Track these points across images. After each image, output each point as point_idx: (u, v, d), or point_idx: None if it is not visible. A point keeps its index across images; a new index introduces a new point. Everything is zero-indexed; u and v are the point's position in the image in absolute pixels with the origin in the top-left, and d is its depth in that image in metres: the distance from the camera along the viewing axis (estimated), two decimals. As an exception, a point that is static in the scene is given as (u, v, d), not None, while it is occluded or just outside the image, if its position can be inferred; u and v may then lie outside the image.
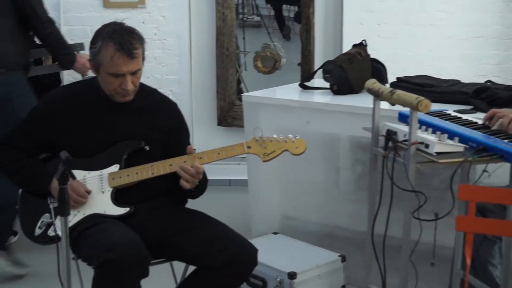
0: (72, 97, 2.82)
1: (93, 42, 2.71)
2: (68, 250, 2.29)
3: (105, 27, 2.71)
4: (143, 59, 2.74)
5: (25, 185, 2.79)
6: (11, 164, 2.77)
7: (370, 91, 2.79)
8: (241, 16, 6.33)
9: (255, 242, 2.74)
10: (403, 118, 2.84)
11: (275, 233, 3.84)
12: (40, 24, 3.90)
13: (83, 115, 2.77)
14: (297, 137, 2.71)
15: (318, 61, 5.37)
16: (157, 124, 2.83)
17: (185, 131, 2.96)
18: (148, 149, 2.76)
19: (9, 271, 3.88)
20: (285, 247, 3.63)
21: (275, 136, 2.71)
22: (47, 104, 2.84)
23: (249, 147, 2.71)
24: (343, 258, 3.45)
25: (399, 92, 2.59)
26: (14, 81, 3.81)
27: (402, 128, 2.63)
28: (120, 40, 2.64)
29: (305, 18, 5.40)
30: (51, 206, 2.70)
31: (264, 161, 2.70)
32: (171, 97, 3.07)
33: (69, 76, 5.11)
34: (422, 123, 2.64)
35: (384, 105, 2.87)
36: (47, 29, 3.90)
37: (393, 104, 2.67)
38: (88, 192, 2.69)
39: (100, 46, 2.66)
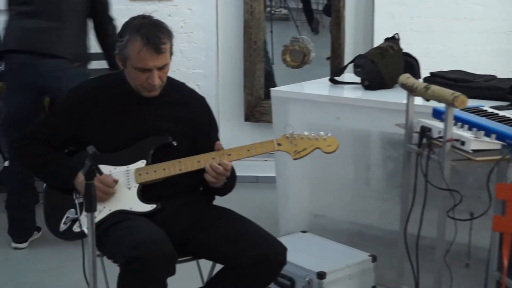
0: (99, 90, 2.83)
1: (120, 35, 2.72)
2: (94, 247, 2.30)
3: (133, 20, 2.72)
4: (171, 53, 2.74)
5: (51, 180, 2.80)
6: (37, 159, 2.78)
7: (404, 86, 2.77)
8: (268, 9, 6.31)
9: (283, 240, 2.73)
10: (437, 114, 2.81)
11: (304, 231, 3.83)
12: (109, 22, 4.26)
13: (110, 109, 2.78)
14: (329, 135, 2.69)
15: (348, 55, 5.34)
16: (185, 118, 2.83)
17: (214, 127, 2.96)
18: (175, 144, 2.76)
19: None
20: (314, 246, 3.62)
21: (306, 133, 2.70)
22: (74, 97, 2.85)
23: (279, 145, 2.70)
24: (374, 258, 3.43)
25: (434, 88, 2.57)
26: (88, 74, 4.14)
27: (437, 124, 2.61)
28: (148, 34, 2.63)
29: (335, 11, 5.38)
30: (76, 201, 2.72)
31: (295, 159, 2.69)
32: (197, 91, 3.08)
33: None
34: (457, 119, 2.62)
35: (418, 100, 2.85)
36: (112, 30, 4.20)
37: (427, 100, 2.65)
38: (116, 181, 2.69)
39: (127, 40, 2.66)
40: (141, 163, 2.73)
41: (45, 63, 4.09)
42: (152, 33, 2.64)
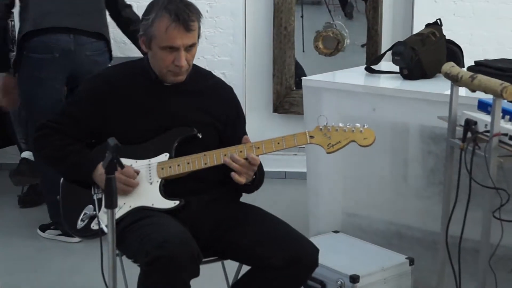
0: (121, 78, 2.85)
1: (145, 14, 2.73)
2: (114, 246, 2.31)
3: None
4: (199, 35, 2.76)
5: (69, 173, 2.80)
6: (55, 150, 2.79)
7: (448, 75, 2.75)
8: (300, -9, 6.29)
9: (313, 241, 2.73)
10: (483, 106, 2.78)
11: (336, 231, 3.82)
12: (124, 7, 4.39)
13: (132, 99, 2.79)
14: (366, 127, 2.68)
15: (385, 43, 5.32)
16: (212, 109, 2.84)
17: (242, 119, 2.97)
18: (200, 136, 2.77)
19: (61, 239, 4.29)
20: (347, 247, 3.62)
21: (341, 125, 2.68)
22: (95, 85, 2.86)
23: (311, 137, 2.68)
24: (411, 261, 3.41)
25: (481, 77, 2.55)
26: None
27: (483, 117, 2.59)
28: (177, 11, 2.66)
29: (372, -5, 5.36)
30: (95, 197, 2.73)
31: (328, 153, 2.67)
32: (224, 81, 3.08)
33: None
34: (505, 112, 2.60)
35: (461, 91, 2.83)
36: (130, 14, 4.39)
37: (473, 91, 2.62)
38: (137, 172, 2.70)
39: (154, 18, 2.68)
40: (164, 157, 2.73)
41: (90, 44, 4.14)
42: (181, 9, 2.66)
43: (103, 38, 4.21)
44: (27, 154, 4.69)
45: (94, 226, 2.72)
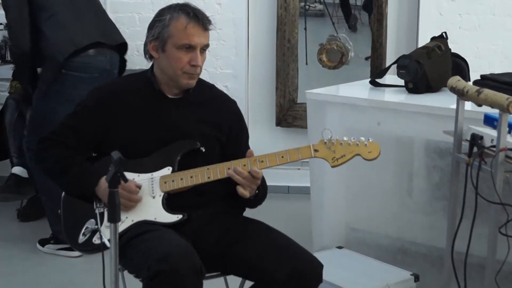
0: (123, 91, 2.87)
1: (159, 15, 2.79)
2: (117, 261, 2.31)
3: (170, 5, 2.82)
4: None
5: (71, 186, 2.81)
6: (57, 163, 2.80)
7: (454, 89, 2.77)
8: (302, 4, 6.31)
9: (317, 257, 2.73)
10: (489, 121, 2.80)
11: (340, 247, 3.82)
12: None
13: (134, 111, 2.81)
14: (370, 140, 2.70)
15: (390, 55, 5.35)
16: (215, 122, 2.86)
17: (245, 132, 2.99)
18: (204, 150, 2.78)
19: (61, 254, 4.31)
20: (351, 263, 3.61)
21: (345, 138, 2.70)
22: (96, 97, 2.88)
23: (316, 151, 2.70)
24: (417, 277, 3.41)
25: (488, 92, 2.57)
26: None
27: (489, 132, 2.61)
28: (194, 11, 2.76)
29: (376, 7, 5.38)
30: (96, 211, 2.74)
31: (333, 167, 2.69)
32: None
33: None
34: (512, 127, 2.61)
35: (467, 105, 2.84)
36: None
37: (479, 105, 2.64)
38: (139, 187, 2.71)
39: (170, 18, 2.75)
40: (167, 170, 2.75)
41: (117, 61, 4.37)
42: (196, 10, 2.77)
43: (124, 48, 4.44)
44: (17, 170, 4.69)
45: (96, 240, 2.72)
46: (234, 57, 5.50)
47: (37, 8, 4.20)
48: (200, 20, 2.75)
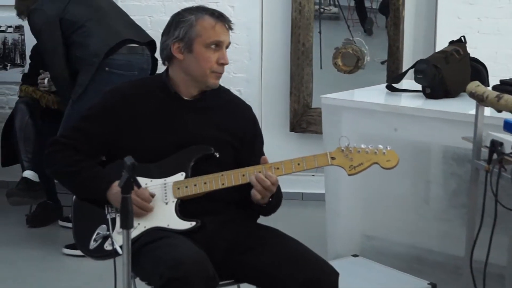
0: (137, 93, 2.87)
1: (181, 17, 2.82)
2: (129, 268, 2.31)
3: (189, 8, 2.88)
4: None
5: (82, 191, 2.81)
6: (68, 167, 2.80)
7: (473, 95, 2.77)
8: (317, 6, 6.32)
9: (332, 265, 2.73)
10: (509, 127, 2.79)
11: (355, 255, 3.82)
12: None
13: (148, 114, 2.82)
14: (389, 149, 2.69)
15: (407, 60, 5.33)
16: (230, 126, 2.87)
17: (260, 139, 3.00)
18: (218, 156, 2.79)
19: None
20: (366, 272, 3.61)
21: (363, 146, 2.70)
22: (109, 100, 2.88)
23: (333, 158, 2.70)
24: (434, 287, 3.41)
25: (508, 97, 2.57)
26: None
27: (509, 138, 2.60)
28: (217, 12, 2.83)
29: (393, 10, 5.37)
30: (108, 216, 2.74)
31: (350, 175, 2.69)
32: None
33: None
34: (533, 133, 2.61)
35: (487, 111, 2.84)
36: None
37: (499, 111, 2.64)
38: (153, 195, 2.71)
39: (196, 18, 2.79)
40: (180, 176, 2.75)
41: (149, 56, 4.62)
42: (218, 11, 2.84)
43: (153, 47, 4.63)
44: (28, 174, 4.71)
45: (107, 246, 2.72)
46: (247, 61, 5.51)
47: (67, 24, 4.39)
48: (225, 20, 2.82)
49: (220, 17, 2.81)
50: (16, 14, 4.72)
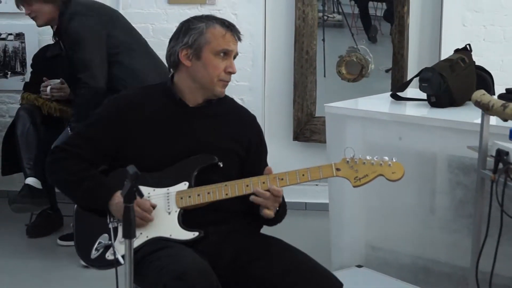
0: (141, 100, 2.89)
1: (191, 24, 2.85)
2: (131, 278, 2.32)
3: (198, 16, 2.90)
4: None
5: (84, 200, 2.81)
6: (70, 175, 2.80)
7: (479, 104, 2.78)
8: (320, 14, 6.33)
9: (336, 275, 2.74)
10: (516, 136, 2.81)
11: (359, 266, 3.83)
12: None
13: (153, 122, 2.83)
14: (394, 160, 2.70)
15: (412, 68, 5.34)
16: (234, 134, 2.89)
17: (264, 148, 3.01)
18: (222, 165, 2.80)
19: None
20: (371, 282, 3.62)
21: (368, 157, 2.70)
22: (112, 107, 2.89)
23: (338, 170, 2.71)
24: (440, 298, 3.43)
25: (514, 106, 2.58)
26: None
27: (516, 148, 2.61)
28: (227, 22, 2.86)
29: (398, 18, 5.38)
30: (110, 225, 2.75)
31: (355, 187, 2.70)
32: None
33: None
34: (539, 142, 2.62)
35: (492, 120, 2.85)
36: None
37: (505, 120, 2.65)
38: (154, 206, 2.72)
39: (206, 26, 2.82)
40: (183, 186, 2.76)
41: None
42: (229, 22, 2.87)
43: None
44: (31, 181, 4.72)
45: (109, 256, 2.73)
46: (250, 69, 5.52)
47: (113, 42, 4.44)
48: (235, 30, 2.84)
49: (230, 27, 2.84)
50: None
